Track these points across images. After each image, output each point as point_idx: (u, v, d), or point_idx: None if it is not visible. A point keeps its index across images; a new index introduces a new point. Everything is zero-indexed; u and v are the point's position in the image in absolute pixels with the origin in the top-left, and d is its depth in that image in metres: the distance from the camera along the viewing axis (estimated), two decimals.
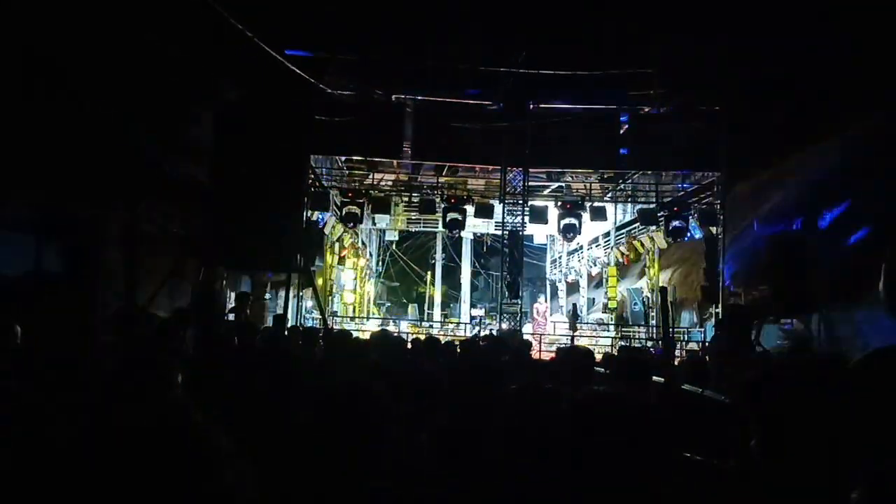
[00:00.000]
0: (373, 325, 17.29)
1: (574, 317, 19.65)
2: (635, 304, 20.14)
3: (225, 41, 10.34)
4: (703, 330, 16.18)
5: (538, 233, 21.50)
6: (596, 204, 16.88)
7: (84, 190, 7.43)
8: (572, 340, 15.70)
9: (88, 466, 0.92)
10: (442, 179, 17.38)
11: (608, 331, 18.52)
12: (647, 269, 19.01)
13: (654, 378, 4.43)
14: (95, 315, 7.24)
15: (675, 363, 7.70)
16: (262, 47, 10.81)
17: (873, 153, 13.19)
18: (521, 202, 15.58)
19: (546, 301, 22.09)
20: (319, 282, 15.63)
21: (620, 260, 19.94)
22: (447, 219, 15.74)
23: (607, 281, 20.35)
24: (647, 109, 15.25)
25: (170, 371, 2.00)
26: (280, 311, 11.54)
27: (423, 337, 8.39)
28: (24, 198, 7.09)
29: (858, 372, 1.34)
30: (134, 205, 8.72)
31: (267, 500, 1.64)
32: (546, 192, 18.22)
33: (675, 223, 15.19)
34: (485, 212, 16.23)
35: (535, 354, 11.50)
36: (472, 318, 21.50)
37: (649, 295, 18.65)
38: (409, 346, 7.00)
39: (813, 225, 12.85)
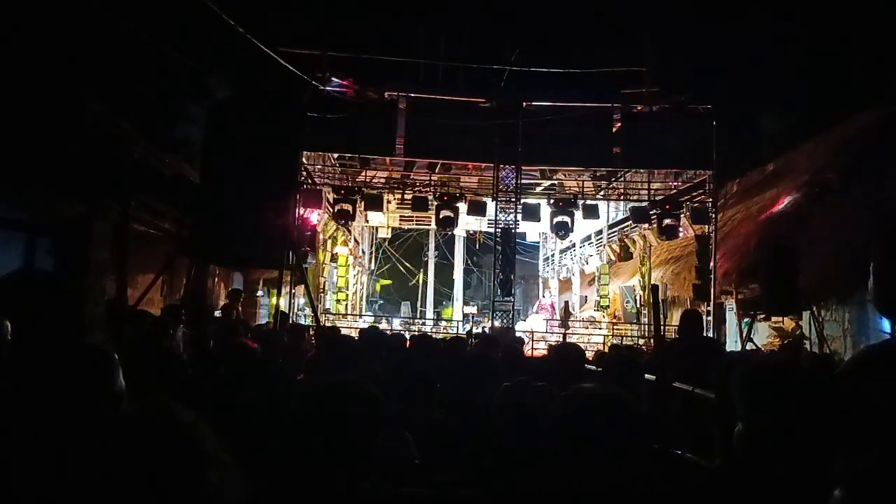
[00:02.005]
0: (365, 323, 17.26)
1: (566, 314, 19.69)
2: (627, 301, 20.20)
3: (217, 38, 10.31)
4: None
5: (531, 230, 21.53)
6: (588, 202, 16.89)
7: (74, 187, 7.39)
8: (564, 338, 15.71)
9: (75, 465, 0.92)
10: (435, 177, 17.35)
11: (600, 329, 18.56)
12: (639, 268, 19.07)
13: (646, 375, 4.45)
14: (85, 313, 7.22)
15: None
16: (254, 44, 10.78)
17: (863, 153, 13.27)
18: (513, 200, 15.59)
19: (550, 294, 22.70)
20: (311, 279, 15.60)
21: (613, 258, 19.99)
22: (440, 216, 15.73)
23: (600, 279, 20.40)
24: (639, 108, 15.29)
25: (105, 362, 1.96)
26: (272, 309, 11.52)
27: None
28: (14, 195, 7.05)
29: (847, 373, 1.35)
30: (124, 202, 8.68)
31: (256, 500, 1.64)
32: (538, 189, 18.23)
33: (667, 221, 15.23)
34: (477, 209, 16.22)
35: (527, 352, 11.51)
36: (465, 315, 21.53)
37: (641, 293, 18.70)
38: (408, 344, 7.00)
39: (802, 224, 12.93)
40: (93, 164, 7.43)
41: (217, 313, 11.38)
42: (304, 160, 14.93)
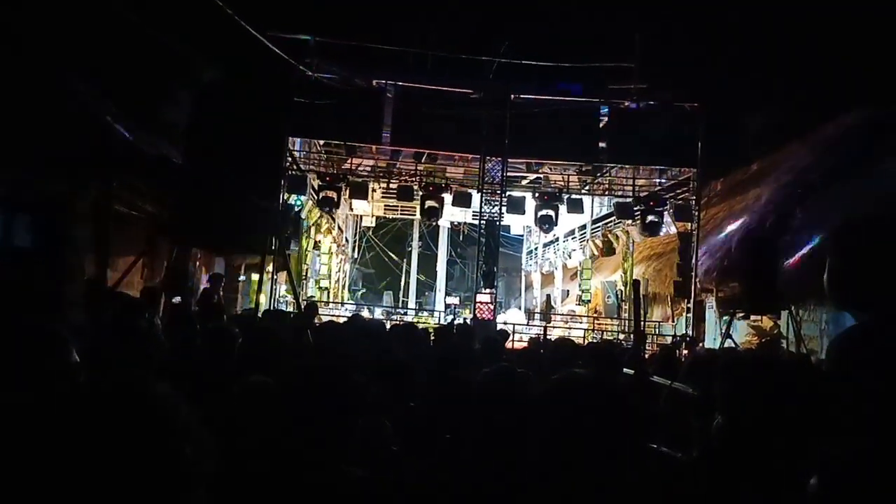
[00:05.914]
0: (347, 312, 17.23)
1: (548, 308, 19.79)
2: (609, 296, 20.31)
3: (205, 20, 10.18)
4: (674, 324, 16.38)
5: (515, 223, 21.56)
6: (573, 196, 16.95)
7: (55, 166, 7.29)
8: (545, 331, 15.76)
9: (44, 437, 0.90)
10: (420, 166, 17.31)
11: (581, 323, 18.66)
12: (621, 263, 19.17)
13: (625, 370, 4.47)
14: (65, 292, 7.13)
15: (646, 356, 7.79)
16: (243, 27, 10.68)
17: (845, 154, 13.42)
18: (499, 192, 15.60)
19: (491, 291, 22.16)
20: (294, 266, 15.52)
21: (595, 253, 20.08)
22: (425, 206, 15.70)
23: (582, 273, 20.49)
24: (626, 104, 15.34)
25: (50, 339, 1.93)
26: (253, 294, 11.47)
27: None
28: None
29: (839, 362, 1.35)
30: (107, 182, 8.57)
31: (230, 479, 1.63)
32: (524, 182, 18.26)
33: (651, 218, 15.32)
34: (463, 200, 16.21)
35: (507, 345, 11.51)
36: (447, 306, 21.54)
37: (623, 288, 18.81)
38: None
39: (783, 224, 13.05)
40: (75, 142, 7.32)
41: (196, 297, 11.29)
42: (289, 146, 14.85)
